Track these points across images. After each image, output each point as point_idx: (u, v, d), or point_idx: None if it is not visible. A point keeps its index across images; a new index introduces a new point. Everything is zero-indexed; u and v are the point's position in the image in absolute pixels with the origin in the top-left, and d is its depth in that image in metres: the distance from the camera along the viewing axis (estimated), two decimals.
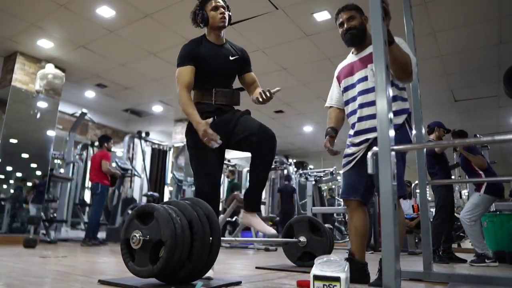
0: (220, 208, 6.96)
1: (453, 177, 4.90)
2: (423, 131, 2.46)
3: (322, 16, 4.64)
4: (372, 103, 1.98)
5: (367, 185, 2.06)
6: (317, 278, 1.37)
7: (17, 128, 5.23)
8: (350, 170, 2.10)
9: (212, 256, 1.68)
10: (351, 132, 2.13)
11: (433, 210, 4.60)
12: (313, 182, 6.46)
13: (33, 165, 5.38)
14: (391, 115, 1.32)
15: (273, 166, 9.75)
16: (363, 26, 2.12)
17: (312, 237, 2.87)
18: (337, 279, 1.35)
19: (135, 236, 1.58)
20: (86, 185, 8.05)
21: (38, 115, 5.42)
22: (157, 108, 8.42)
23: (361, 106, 2.06)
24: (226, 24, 2.25)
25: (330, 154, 2.23)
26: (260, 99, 2.05)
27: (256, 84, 2.32)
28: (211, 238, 1.66)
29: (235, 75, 2.29)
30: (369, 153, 1.41)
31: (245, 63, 2.30)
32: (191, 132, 2.05)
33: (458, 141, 4.89)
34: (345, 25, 2.12)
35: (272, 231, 2.08)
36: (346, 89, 2.25)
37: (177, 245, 1.52)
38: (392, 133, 1.31)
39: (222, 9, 2.21)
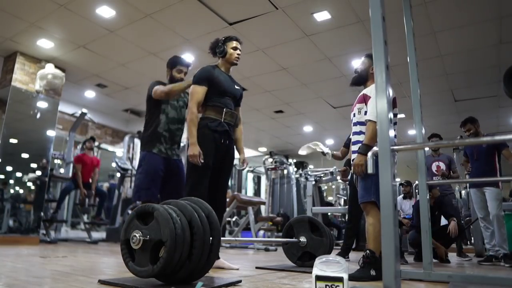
0: None
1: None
2: (423, 131, 2.46)
3: (322, 16, 4.63)
4: (355, 133, 2.50)
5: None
6: (319, 278, 1.37)
7: (17, 128, 5.23)
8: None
9: (212, 256, 1.68)
10: None
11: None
12: (313, 182, 6.45)
13: (33, 165, 5.38)
14: (391, 115, 1.32)
15: (273, 166, 9.76)
16: (366, 72, 2.54)
17: (312, 237, 2.87)
18: (340, 279, 1.35)
19: (135, 236, 1.57)
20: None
21: (38, 115, 5.41)
22: None
23: (353, 133, 2.54)
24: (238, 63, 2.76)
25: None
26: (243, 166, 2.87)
27: (240, 120, 2.84)
28: (211, 238, 1.66)
29: (236, 101, 2.77)
30: (369, 153, 1.42)
31: (241, 96, 2.82)
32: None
33: (458, 141, 4.89)
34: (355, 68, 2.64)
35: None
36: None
37: (177, 245, 1.52)
38: (392, 133, 1.31)
39: (239, 51, 2.72)
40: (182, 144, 3.54)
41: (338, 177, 6.52)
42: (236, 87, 2.74)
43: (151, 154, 2.92)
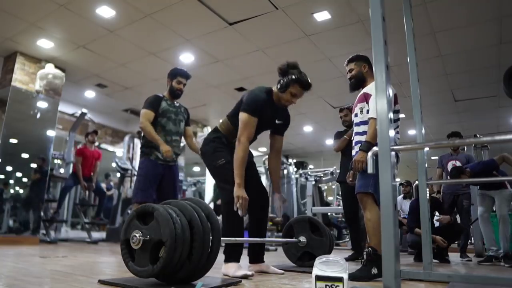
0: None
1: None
2: (423, 131, 2.47)
3: (322, 16, 4.63)
4: (357, 133, 2.47)
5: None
6: (319, 278, 1.37)
7: (17, 128, 5.22)
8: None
9: (212, 255, 1.68)
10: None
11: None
12: (313, 182, 6.46)
13: (33, 165, 5.37)
14: (391, 115, 1.32)
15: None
16: (359, 74, 2.53)
17: (312, 237, 2.87)
18: (340, 279, 1.35)
19: (135, 236, 1.57)
20: None
21: (38, 115, 5.41)
22: None
23: (355, 134, 2.51)
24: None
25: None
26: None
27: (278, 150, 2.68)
28: (211, 238, 1.66)
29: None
30: (369, 153, 1.42)
31: (285, 127, 2.61)
32: (217, 152, 2.38)
33: (458, 141, 4.89)
34: (347, 77, 2.60)
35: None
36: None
37: (177, 245, 1.52)
38: (392, 133, 1.31)
39: (295, 101, 2.40)
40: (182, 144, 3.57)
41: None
42: (277, 121, 2.48)
43: (149, 160, 3.19)
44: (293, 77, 2.31)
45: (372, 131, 2.24)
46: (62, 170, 6.81)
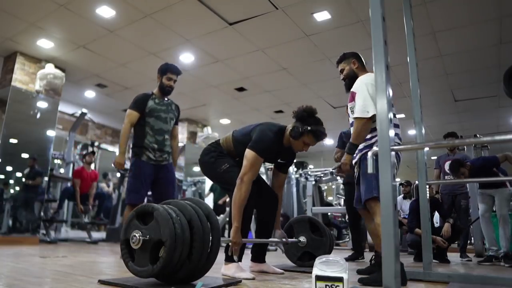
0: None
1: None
2: (423, 131, 2.47)
3: (322, 16, 4.63)
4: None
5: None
6: (319, 278, 1.37)
7: (17, 128, 5.22)
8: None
9: (212, 255, 1.68)
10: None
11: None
12: (313, 182, 6.45)
13: (35, 165, 5.38)
14: (391, 115, 1.32)
15: (271, 166, 9.74)
16: (351, 72, 2.41)
17: (312, 237, 2.86)
18: (340, 279, 1.35)
19: (135, 236, 1.57)
20: None
21: (38, 115, 5.41)
22: None
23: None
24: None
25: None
26: None
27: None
28: (211, 238, 1.66)
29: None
30: (369, 153, 1.42)
31: (290, 163, 2.58)
32: (219, 159, 2.38)
33: (458, 141, 4.89)
34: (341, 78, 2.49)
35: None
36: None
37: (177, 245, 1.51)
38: (392, 133, 1.31)
39: (306, 149, 2.35)
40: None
41: (338, 177, 6.50)
42: (281, 160, 2.50)
43: (140, 161, 3.12)
44: (310, 128, 2.25)
45: (355, 131, 2.16)
46: (62, 170, 6.81)
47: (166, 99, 3.30)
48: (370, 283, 2.01)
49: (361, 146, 2.28)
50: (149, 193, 3.30)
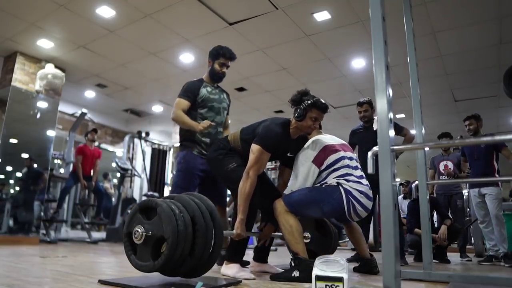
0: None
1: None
2: (423, 131, 2.46)
3: (322, 16, 4.63)
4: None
5: None
6: (319, 278, 1.37)
7: (17, 128, 5.22)
8: None
9: (214, 253, 1.68)
10: None
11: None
12: None
13: (34, 165, 5.38)
14: (391, 115, 1.32)
15: (272, 166, 9.75)
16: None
17: (317, 235, 2.80)
18: (340, 279, 1.35)
19: (137, 231, 1.57)
20: None
21: (38, 115, 5.41)
22: (157, 108, 8.43)
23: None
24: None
25: None
26: None
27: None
28: (213, 235, 1.66)
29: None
30: (369, 153, 1.42)
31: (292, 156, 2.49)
32: (227, 157, 2.36)
33: (458, 141, 4.89)
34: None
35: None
36: None
37: (179, 242, 1.51)
38: (392, 133, 1.31)
39: (317, 124, 2.34)
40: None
41: None
42: (289, 154, 2.44)
43: (191, 154, 2.73)
44: (309, 102, 2.26)
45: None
46: (62, 170, 6.81)
47: (216, 85, 2.95)
48: (282, 279, 2.02)
49: None
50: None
